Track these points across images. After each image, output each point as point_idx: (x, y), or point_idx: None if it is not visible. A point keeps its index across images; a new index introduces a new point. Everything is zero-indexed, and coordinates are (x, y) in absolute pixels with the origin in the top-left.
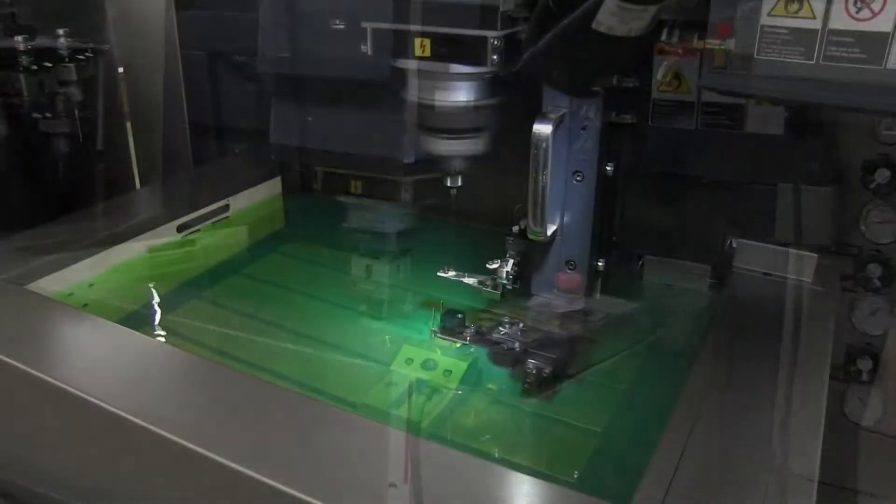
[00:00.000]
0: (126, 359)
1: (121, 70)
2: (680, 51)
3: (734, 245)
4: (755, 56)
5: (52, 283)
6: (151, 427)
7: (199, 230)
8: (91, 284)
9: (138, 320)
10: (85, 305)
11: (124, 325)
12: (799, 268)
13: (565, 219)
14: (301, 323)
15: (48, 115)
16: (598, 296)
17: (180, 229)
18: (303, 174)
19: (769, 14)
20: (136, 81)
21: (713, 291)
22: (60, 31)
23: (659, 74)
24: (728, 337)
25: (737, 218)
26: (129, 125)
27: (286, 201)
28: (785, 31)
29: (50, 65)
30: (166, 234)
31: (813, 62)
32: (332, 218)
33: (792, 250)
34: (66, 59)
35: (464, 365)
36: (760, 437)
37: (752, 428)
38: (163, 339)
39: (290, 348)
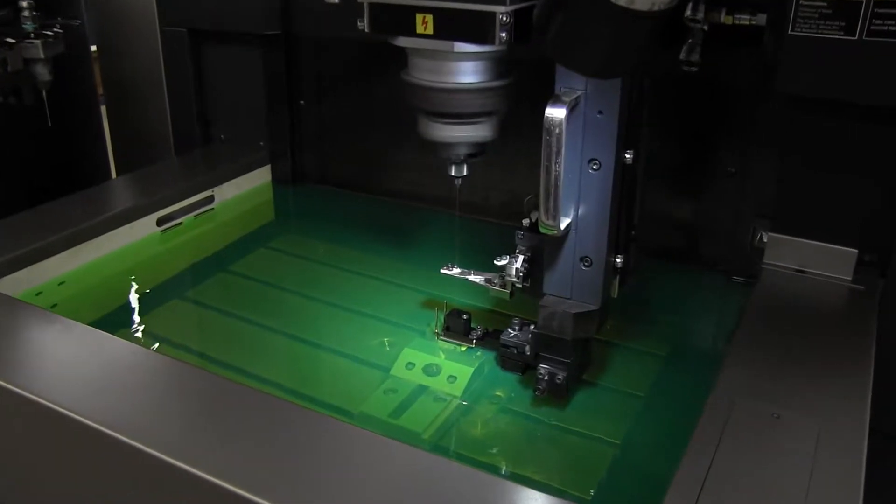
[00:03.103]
0: (100, 365)
1: (94, 48)
2: None
3: (764, 239)
4: None
5: (19, 282)
6: (127, 440)
7: (181, 223)
8: (61, 283)
9: (113, 322)
10: (54, 306)
11: (98, 328)
12: (836, 264)
13: (580, 211)
14: (292, 324)
15: (12, 97)
16: (615, 295)
17: (160, 222)
18: (295, 161)
19: None
20: (111, 60)
21: (745, 291)
22: (24, 4)
23: None
24: (757, 341)
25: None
26: (103, 108)
27: (276, 192)
28: None
29: (13, 41)
30: (145, 228)
31: None
32: (326, 209)
33: (829, 245)
34: (32, 35)
35: (469, 370)
36: (795, 454)
37: (785, 443)
38: (140, 343)
39: (280, 352)
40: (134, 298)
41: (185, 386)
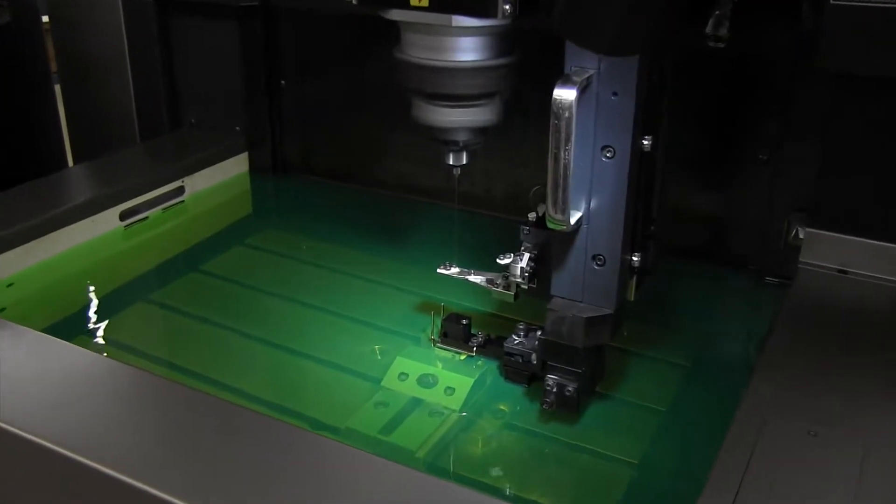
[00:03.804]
0: (54, 376)
1: (45, 19)
2: None
3: (800, 235)
4: None
5: None
6: (84, 460)
7: (146, 218)
8: (10, 284)
9: (70, 328)
10: (2, 310)
11: (52, 335)
12: (882, 263)
13: (592, 204)
14: (272, 330)
15: None
16: (632, 297)
17: (123, 217)
18: (275, 149)
19: None
20: (66, 33)
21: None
22: None
23: None
24: (791, 349)
25: None
26: (57, 88)
27: (255, 182)
28: None
29: None
30: (106, 223)
31: None
32: (310, 202)
33: (873, 242)
34: None
35: (469, 381)
36: (835, 478)
37: (824, 465)
38: (101, 352)
39: (259, 362)
40: (93, 302)
41: (152, 400)
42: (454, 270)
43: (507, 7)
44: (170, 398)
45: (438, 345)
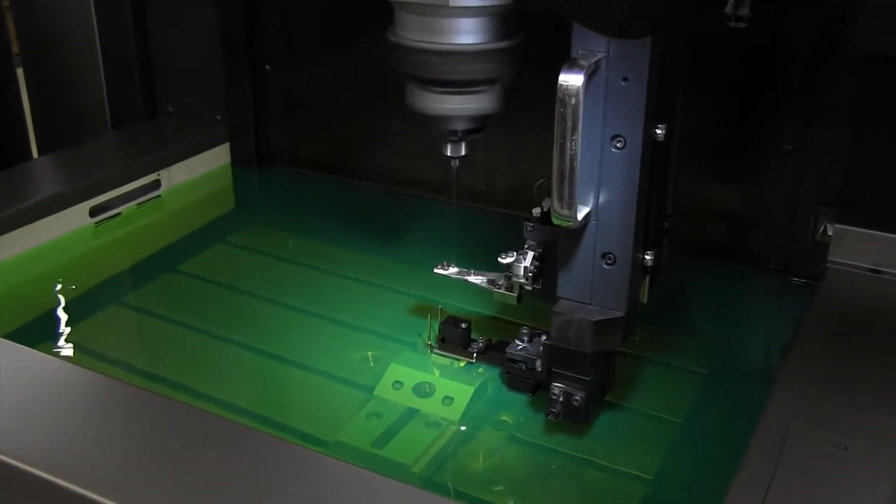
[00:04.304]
0: (17, 384)
1: None
2: None
3: (829, 231)
4: None
5: None
6: (52, 478)
7: (119, 214)
8: None
9: (35, 334)
10: None
11: (15, 341)
12: None
13: (601, 198)
14: (255, 335)
15: None
16: (645, 299)
17: (94, 213)
18: (259, 139)
19: None
20: (29, 11)
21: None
22: None
23: None
24: (819, 355)
25: None
26: (20, 71)
27: (237, 175)
28: None
29: None
30: (75, 220)
31: None
32: (297, 197)
33: None
34: None
35: (469, 390)
36: (866, 495)
37: (853, 481)
38: (70, 360)
39: (241, 369)
40: (61, 305)
41: (125, 412)
42: (452, 270)
43: None
44: (144, 410)
45: (435, 351)
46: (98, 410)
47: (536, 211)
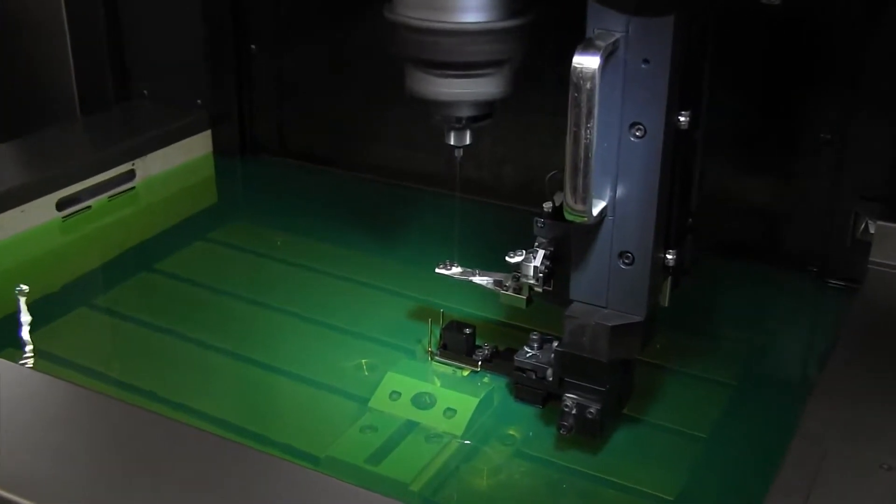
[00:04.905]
0: None
1: None
2: None
3: (871, 229)
4: None
5: None
6: (13, 496)
7: (89, 208)
8: None
9: None
10: None
11: None
12: None
13: (619, 192)
14: (240, 341)
15: None
16: (666, 302)
17: (61, 206)
18: (244, 126)
19: None
20: None
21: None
22: None
23: None
24: (858, 365)
25: None
26: None
27: (219, 166)
28: None
29: None
30: (40, 214)
31: None
32: (285, 189)
33: None
34: None
35: (473, 401)
36: None
37: None
38: (34, 367)
39: (224, 378)
40: (24, 307)
41: (96, 424)
42: (455, 270)
43: None
44: (116, 423)
45: (437, 358)
46: (65, 423)
47: (548, 206)
